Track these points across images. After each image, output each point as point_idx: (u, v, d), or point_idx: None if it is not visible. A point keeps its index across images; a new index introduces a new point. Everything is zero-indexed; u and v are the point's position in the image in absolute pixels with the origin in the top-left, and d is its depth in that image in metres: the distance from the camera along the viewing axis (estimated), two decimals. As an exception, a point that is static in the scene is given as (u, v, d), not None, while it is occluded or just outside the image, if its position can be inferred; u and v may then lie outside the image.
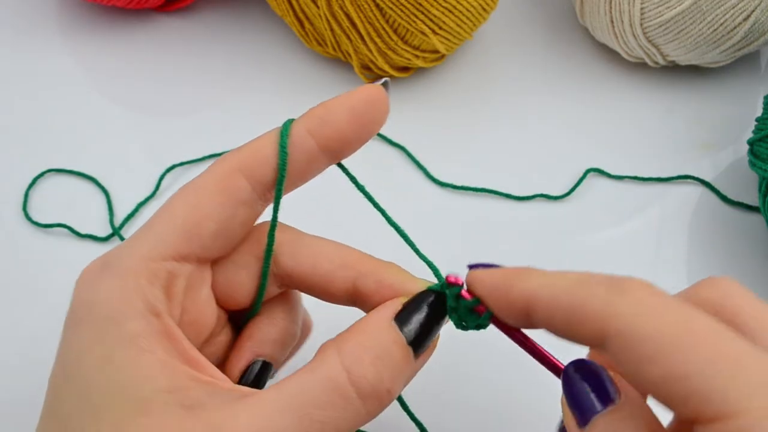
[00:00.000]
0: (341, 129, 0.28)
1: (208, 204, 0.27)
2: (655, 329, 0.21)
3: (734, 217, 0.45)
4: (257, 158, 0.28)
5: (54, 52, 0.54)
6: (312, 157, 0.28)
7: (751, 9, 0.44)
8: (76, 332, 0.26)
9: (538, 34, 0.54)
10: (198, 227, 0.27)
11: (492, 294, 0.26)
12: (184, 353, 0.26)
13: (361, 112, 0.28)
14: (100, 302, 0.26)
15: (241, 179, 0.27)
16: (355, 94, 0.29)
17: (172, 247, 0.27)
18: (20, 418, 0.30)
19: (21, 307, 0.42)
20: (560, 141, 0.49)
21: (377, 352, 0.25)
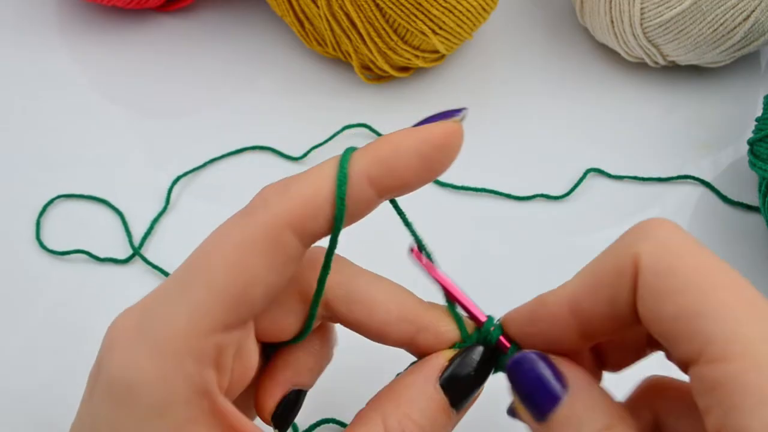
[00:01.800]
0: (406, 178, 0.25)
1: (254, 266, 0.24)
2: (677, 266, 0.22)
3: (734, 217, 0.45)
4: (309, 210, 0.24)
5: (54, 52, 0.54)
6: (369, 207, 0.25)
7: (751, 9, 0.44)
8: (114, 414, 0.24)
9: (538, 34, 0.54)
10: (245, 294, 0.24)
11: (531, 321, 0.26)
12: (230, 426, 0.24)
13: (432, 158, 0.25)
14: (141, 386, 0.23)
15: (291, 237, 0.24)
16: (429, 135, 0.25)
17: (217, 319, 0.23)
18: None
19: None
20: (560, 141, 0.49)
21: (422, 421, 0.25)
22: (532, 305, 0.26)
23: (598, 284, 0.24)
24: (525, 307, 0.27)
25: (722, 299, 0.21)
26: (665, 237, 0.23)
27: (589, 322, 0.25)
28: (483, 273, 0.43)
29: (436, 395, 0.26)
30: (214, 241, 0.24)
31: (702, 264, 0.22)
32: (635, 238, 0.23)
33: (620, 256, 0.23)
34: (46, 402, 0.39)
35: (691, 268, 0.22)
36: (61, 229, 0.45)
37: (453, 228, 0.45)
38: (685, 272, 0.22)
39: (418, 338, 0.27)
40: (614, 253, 0.24)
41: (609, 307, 0.24)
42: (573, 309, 0.25)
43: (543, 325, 0.26)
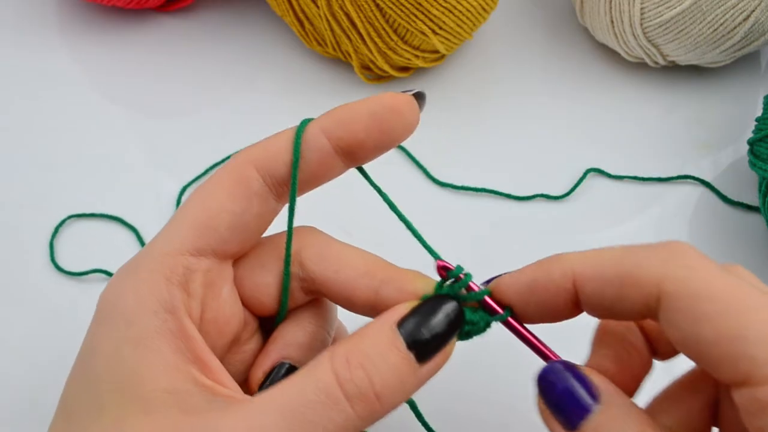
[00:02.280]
0: (356, 132, 0.28)
1: (220, 197, 0.27)
2: (713, 290, 0.22)
3: (734, 217, 0.45)
4: (269, 152, 0.28)
5: (54, 52, 0.54)
6: (324, 157, 0.28)
7: (751, 9, 0.44)
8: (94, 331, 0.27)
9: (538, 34, 0.54)
10: (211, 220, 0.27)
11: (531, 287, 0.26)
12: (194, 353, 0.26)
13: (382, 118, 0.28)
14: (120, 301, 0.26)
15: (252, 170, 0.27)
16: (379, 99, 0.28)
17: (187, 241, 0.27)
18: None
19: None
20: (560, 141, 0.49)
21: (370, 355, 0.24)
22: (535, 273, 0.26)
23: (610, 279, 0.24)
24: (525, 273, 0.27)
25: (762, 321, 0.22)
26: (693, 262, 0.23)
27: (587, 301, 0.25)
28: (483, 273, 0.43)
29: (390, 333, 0.25)
30: (196, 189, 0.28)
31: (733, 288, 0.22)
32: (659, 256, 0.24)
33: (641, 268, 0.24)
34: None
35: (725, 292, 0.22)
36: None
37: (453, 228, 0.45)
38: (721, 296, 0.22)
39: (381, 292, 0.28)
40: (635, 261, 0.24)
41: (613, 301, 0.24)
42: (578, 285, 0.25)
43: (544, 295, 0.26)
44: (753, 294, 0.22)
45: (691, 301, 0.22)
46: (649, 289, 0.23)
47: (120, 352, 0.25)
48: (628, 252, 0.25)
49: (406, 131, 0.28)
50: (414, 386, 0.25)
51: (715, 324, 0.22)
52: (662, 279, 0.23)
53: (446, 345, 0.26)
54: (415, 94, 0.29)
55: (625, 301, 0.24)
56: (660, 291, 0.23)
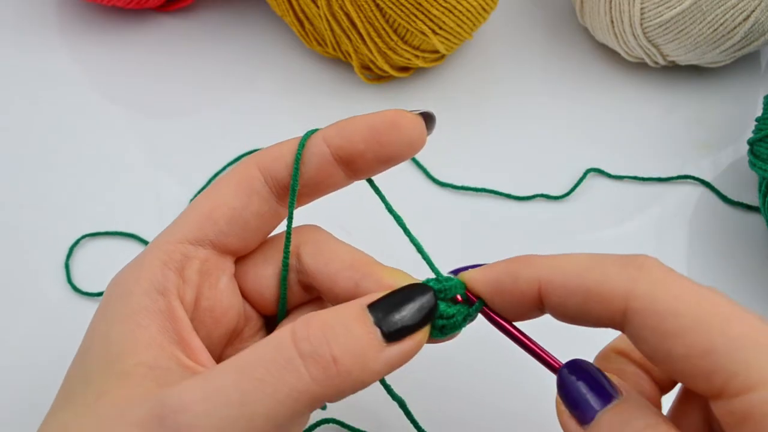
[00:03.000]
0: (355, 142, 0.28)
1: (223, 192, 0.29)
2: (680, 305, 0.22)
3: (734, 217, 0.45)
4: (273, 155, 0.29)
5: (54, 52, 0.54)
6: (324, 163, 0.29)
7: (751, 9, 0.44)
8: (96, 314, 0.28)
9: (538, 34, 0.54)
10: (212, 213, 0.28)
11: (497, 287, 0.26)
12: (179, 333, 0.26)
13: (381, 132, 0.28)
14: (118, 285, 0.28)
15: (255, 170, 0.29)
16: (382, 113, 0.29)
17: (187, 231, 0.28)
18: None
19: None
20: (560, 141, 0.49)
21: (331, 323, 0.24)
22: (502, 274, 0.26)
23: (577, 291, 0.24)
24: (493, 270, 0.27)
25: (731, 332, 0.21)
26: (659, 277, 0.23)
27: (552, 308, 0.25)
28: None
29: (358, 309, 0.25)
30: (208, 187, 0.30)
31: (701, 300, 0.22)
32: (627, 273, 0.23)
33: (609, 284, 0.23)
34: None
35: (693, 306, 0.22)
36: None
37: (453, 228, 0.45)
38: (689, 311, 0.22)
39: (361, 284, 0.28)
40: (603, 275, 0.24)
41: (579, 310, 0.24)
42: (543, 294, 0.25)
43: (509, 296, 0.26)
44: (721, 305, 0.22)
45: (658, 317, 0.22)
46: (615, 304, 0.23)
47: (110, 329, 0.26)
48: (596, 264, 0.24)
49: (408, 148, 0.29)
50: (377, 366, 0.24)
51: (684, 339, 0.22)
52: (628, 295, 0.23)
53: (417, 331, 0.25)
54: (423, 114, 0.29)
55: (590, 314, 0.24)
56: (626, 307, 0.23)
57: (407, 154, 0.29)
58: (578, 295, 0.24)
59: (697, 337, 0.22)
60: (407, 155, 0.29)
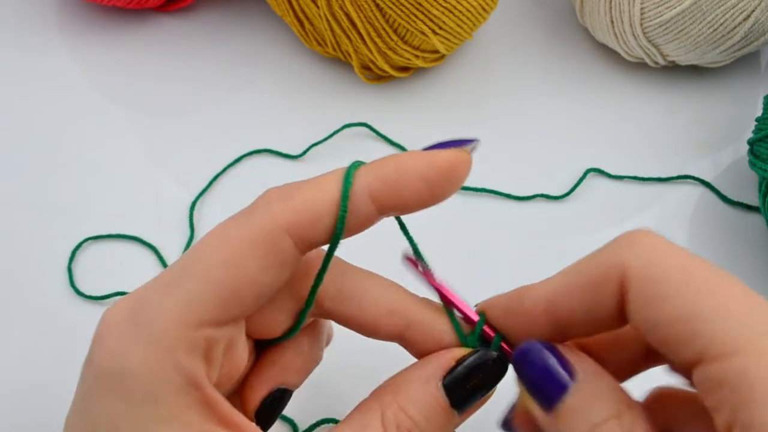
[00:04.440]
0: (407, 198, 0.25)
1: (249, 267, 0.24)
2: (669, 271, 0.22)
3: (734, 217, 0.45)
4: (310, 219, 0.24)
5: (54, 52, 0.54)
6: (368, 222, 0.26)
7: (751, 9, 0.44)
8: (107, 401, 0.24)
9: (538, 34, 0.54)
10: (238, 293, 0.24)
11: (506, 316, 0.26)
12: (221, 417, 0.25)
13: (436, 184, 0.25)
14: (133, 374, 0.24)
15: (288, 241, 0.24)
16: (436, 160, 0.25)
17: (210, 313, 0.24)
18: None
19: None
20: (560, 141, 0.49)
21: (417, 420, 0.25)
22: (509, 299, 0.26)
23: (578, 289, 0.24)
24: (502, 298, 0.27)
25: (716, 298, 0.22)
26: (651, 245, 0.23)
27: (565, 322, 0.25)
28: (483, 273, 0.43)
29: (436, 394, 0.26)
30: (213, 238, 0.25)
31: (690, 267, 0.22)
32: (620, 247, 0.24)
33: (604, 264, 0.24)
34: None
35: (680, 271, 0.22)
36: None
37: (453, 228, 0.45)
38: (676, 276, 0.22)
39: (407, 334, 0.27)
40: (598, 260, 0.24)
41: (587, 311, 0.24)
42: (548, 309, 0.25)
43: (518, 320, 0.26)
44: (708, 271, 0.22)
45: (649, 284, 0.22)
46: (613, 283, 0.23)
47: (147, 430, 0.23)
48: (591, 257, 0.24)
49: (455, 190, 0.26)
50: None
51: (670, 304, 0.22)
52: (624, 269, 0.23)
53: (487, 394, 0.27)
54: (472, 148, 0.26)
55: (598, 306, 0.24)
56: (625, 282, 0.23)
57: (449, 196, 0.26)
58: (580, 293, 0.24)
59: (683, 302, 0.22)
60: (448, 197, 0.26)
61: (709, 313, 0.21)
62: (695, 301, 0.22)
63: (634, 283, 0.23)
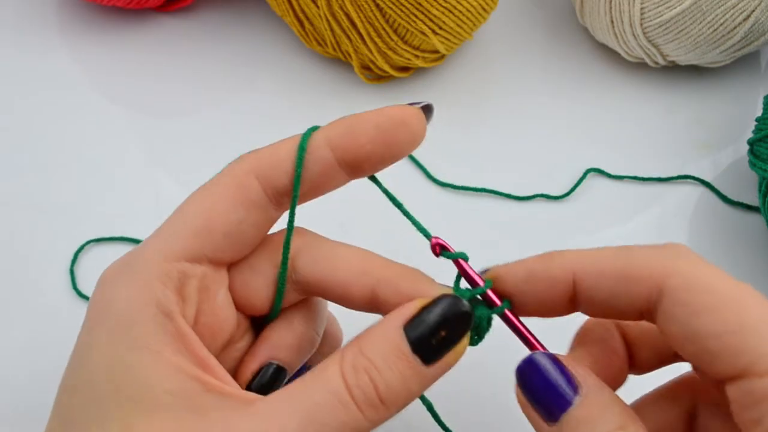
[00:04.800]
0: (361, 144, 0.27)
1: (219, 205, 0.27)
2: (715, 284, 0.23)
3: (734, 217, 0.45)
4: (272, 162, 0.27)
5: (54, 52, 0.54)
6: (327, 169, 0.27)
7: (751, 9, 0.44)
8: (90, 334, 0.26)
9: (538, 34, 0.54)
10: (209, 227, 0.27)
11: (529, 276, 0.26)
12: (194, 354, 0.26)
13: (388, 131, 0.27)
14: (114, 304, 0.26)
15: (254, 181, 0.27)
16: (386, 111, 0.27)
17: (184, 247, 0.27)
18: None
19: None
20: (560, 141, 0.49)
21: (375, 361, 0.25)
22: (534, 264, 0.26)
23: (612, 275, 0.25)
24: (524, 264, 0.27)
25: (762, 315, 0.22)
26: (695, 258, 0.24)
27: (584, 298, 0.25)
28: (483, 273, 0.43)
29: (397, 339, 0.25)
30: (194, 191, 0.28)
31: (733, 284, 0.23)
32: (664, 253, 0.24)
33: (645, 263, 0.24)
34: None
35: (726, 287, 0.23)
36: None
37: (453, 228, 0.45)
38: (723, 291, 0.23)
39: (378, 292, 0.27)
40: (639, 256, 0.25)
41: (611, 297, 0.25)
42: (577, 279, 0.25)
43: (541, 286, 0.26)
44: (751, 291, 0.23)
45: (694, 293, 0.23)
46: (652, 282, 0.24)
47: (120, 356, 0.25)
48: (629, 250, 0.25)
49: (412, 144, 0.28)
50: (420, 388, 0.26)
51: (716, 316, 0.22)
52: (666, 273, 0.24)
53: (455, 346, 0.26)
54: (423, 107, 0.28)
55: (624, 297, 0.25)
56: (663, 285, 0.24)
57: (410, 150, 0.28)
58: (615, 277, 0.25)
59: (729, 315, 0.22)
60: (410, 152, 0.28)
61: (755, 328, 0.22)
62: (741, 316, 0.22)
63: (676, 291, 0.23)
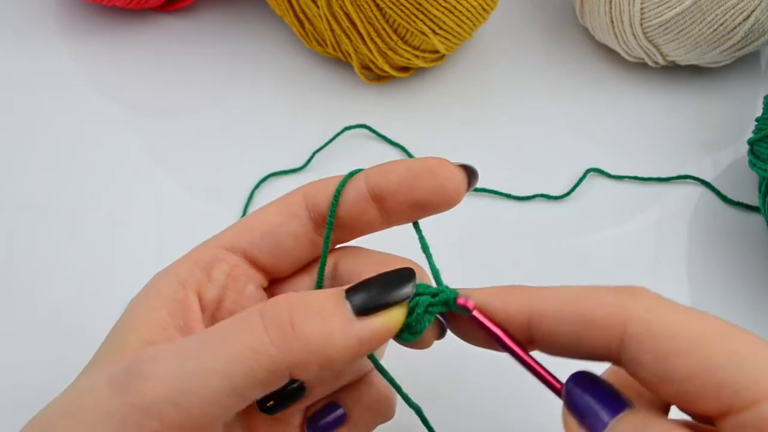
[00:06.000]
0: (389, 180, 0.29)
1: (266, 211, 0.30)
2: (678, 326, 0.22)
3: (734, 217, 0.45)
4: (319, 186, 0.30)
5: (54, 52, 0.54)
6: (359, 198, 0.29)
7: (751, 9, 0.44)
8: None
9: (538, 34, 0.54)
10: (250, 226, 0.30)
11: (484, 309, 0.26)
12: (187, 322, 0.27)
13: (415, 175, 0.28)
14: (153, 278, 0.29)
15: (300, 196, 0.30)
16: (422, 159, 0.29)
17: (224, 238, 0.30)
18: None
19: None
20: (560, 141, 0.49)
21: (303, 295, 0.25)
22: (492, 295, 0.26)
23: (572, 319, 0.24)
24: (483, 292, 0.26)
25: (735, 349, 0.22)
26: (653, 302, 0.23)
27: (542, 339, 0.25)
28: (483, 273, 0.43)
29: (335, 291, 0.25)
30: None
31: (698, 320, 0.23)
32: (623, 297, 0.23)
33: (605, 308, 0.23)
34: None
35: (691, 325, 0.22)
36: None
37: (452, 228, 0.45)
38: (688, 331, 0.22)
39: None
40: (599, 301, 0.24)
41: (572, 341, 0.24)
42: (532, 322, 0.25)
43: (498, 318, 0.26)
44: (718, 324, 0.23)
45: (658, 340, 0.22)
46: (611, 330, 0.23)
47: (130, 310, 0.28)
48: (588, 292, 0.24)
49: (440, 198, 0.28)
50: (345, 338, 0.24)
51: (686, 359, 0.22)
52: (625, 320, 0.23)
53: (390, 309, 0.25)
54: (466, 167, 0.29)
55: (584, 342, 0.24)
56: (623, 332, 0.23)
57: (439, 204, 0.29)
58: (572, 324, 0.24)
59: (700, 356, 0.22)
60: (440, 205, 0.29)
61: (729, 363, 0.21)
62: (712, 354, 0.22)
63: (639, 339, 0.23)
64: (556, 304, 0.24)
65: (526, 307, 0.25)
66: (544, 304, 0.25)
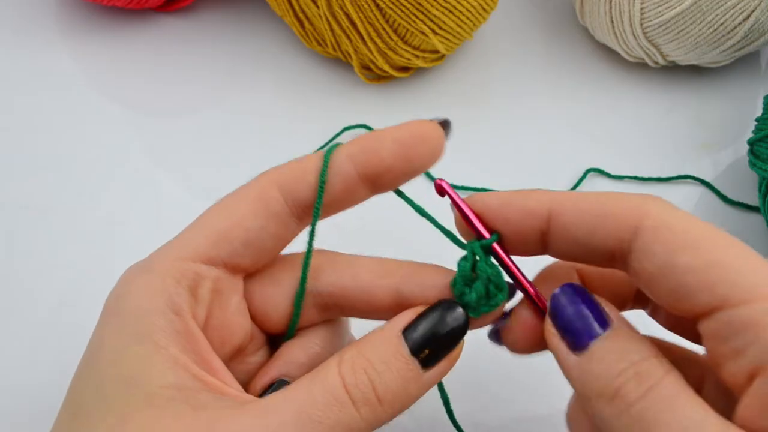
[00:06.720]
0: (382, 159, 0.28)
1: (240, 212, 0.28)
2: (689, 225, 0.24)
3: (734, 217, 0.45)
4: (295, 175, 0.28)
5: (54, 52, 0.54)
6: (349, 183, 0.28)
7: (751, 9, 0.44)
8: (103, 327, 0.27)
9: (538, 34, 0.54)
10: (228, 233, 0.27)
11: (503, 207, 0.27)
12: (199, 354, 0.26)
13: (408, 146, 0.28)
14: (128, 299, 0.27)
15: (276, 192, 0.28)
16: (406, 127, 0.28)
17: (201, 249, 0.27)
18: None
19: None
20: (560, 141, 0.49)
21: (373, 361, 0.25)
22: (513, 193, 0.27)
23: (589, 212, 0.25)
24: (503, 192, 0.27)
25: (736, 251, 0.23)
26: (671, 206, 0.25)
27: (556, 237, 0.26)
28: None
29: (395, 341, 0.26)
30: (219, 200, 0.29)
31: (707, 226, 0.24)
32: (642, 198, 0.25)
33: (624, 203, 0.25)
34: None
35: (700, 228, 0.24)
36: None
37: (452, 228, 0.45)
38: (699, 230, 0.24)
39: (402, 290, 0.28)
40: (618, 198, 0.25)
41: (586, 236, 0.25)
42: (553, 215, 0.26)
43: (514, 214, 0.27)
44: (723, 233, 0.24)
45: (669, 232, 0.24)
46: (628, 221, 0.25)
47: (126, 348, 0.25)
48: (608, 195, 0.26)
49: (431, 159, 0.28)
50: (419, 391, 0.26)
51: (693, 252, 0.23)
52: (642, 214, 0.24)
53: (451, 351, 0.27)
54: (442, 122, 0.29)
55: (598, 235, 0.25)
56: (639, 224, 0.24)
57: (429, 165, 0.29)
58: (591, 215, 0.25)
59: (707, 251, 0.23)
60: (429, 166, 0.29)
61: (730, 262, 0.23)
62: (716, 252, 0.23)
63: (654, 230, 0.24)
64: (577, 200, 0.26)
65: (546, 202, 0.26)
66: (566, 199, 0.26)
